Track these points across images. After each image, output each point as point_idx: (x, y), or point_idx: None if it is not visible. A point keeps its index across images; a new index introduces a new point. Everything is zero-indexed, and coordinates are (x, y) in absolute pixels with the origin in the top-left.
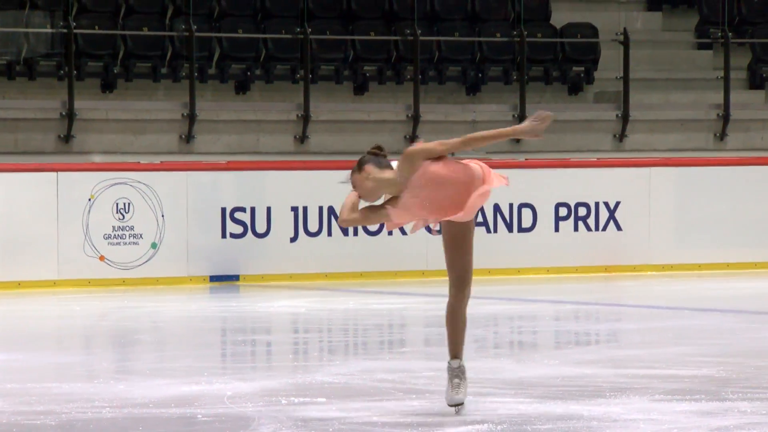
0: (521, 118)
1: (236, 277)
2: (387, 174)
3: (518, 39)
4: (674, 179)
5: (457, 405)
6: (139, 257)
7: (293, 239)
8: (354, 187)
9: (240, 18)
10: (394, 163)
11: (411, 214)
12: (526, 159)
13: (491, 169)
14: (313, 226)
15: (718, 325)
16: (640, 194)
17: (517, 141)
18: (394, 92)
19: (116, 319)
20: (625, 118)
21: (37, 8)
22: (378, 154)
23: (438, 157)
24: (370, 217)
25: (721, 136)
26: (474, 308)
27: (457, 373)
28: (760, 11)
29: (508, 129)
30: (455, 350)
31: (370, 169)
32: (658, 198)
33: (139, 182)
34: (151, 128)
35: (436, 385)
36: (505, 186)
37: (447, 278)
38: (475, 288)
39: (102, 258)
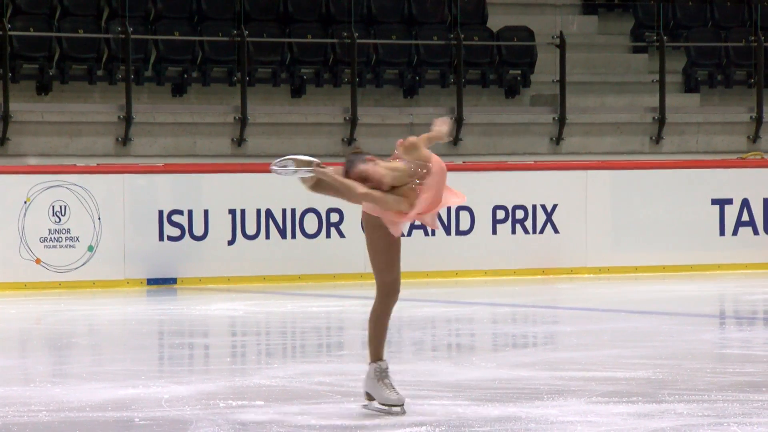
0: (459, 120)
1: (173, 280)
2: (396, 163)
3: (455, 42)
4: (610, 182)
5: (402, 404)
6: (75, 260)
7: (231, 242)
8: (366, 177)
9: (176, 20)
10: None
11: (435, 198)
12: (464, 162)
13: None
14: (250, 229)
15: (654, 327)
16: (577, 197)
17: (454, 143)
18: (331, 95)
19: (52, 323)
20: (561, 121)
21: None
22: (361, 153)
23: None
24: (388, 201)
25: (657, 139)
26: (412, 310)
27: (387, 374)
28: (694, 15)
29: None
30: (381, 352)
31: (371, 159)
32: (594, 201)
33: (76, 185)
34: (87, 131)
35: None
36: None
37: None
38: (414, 290)
39: (38, 261)
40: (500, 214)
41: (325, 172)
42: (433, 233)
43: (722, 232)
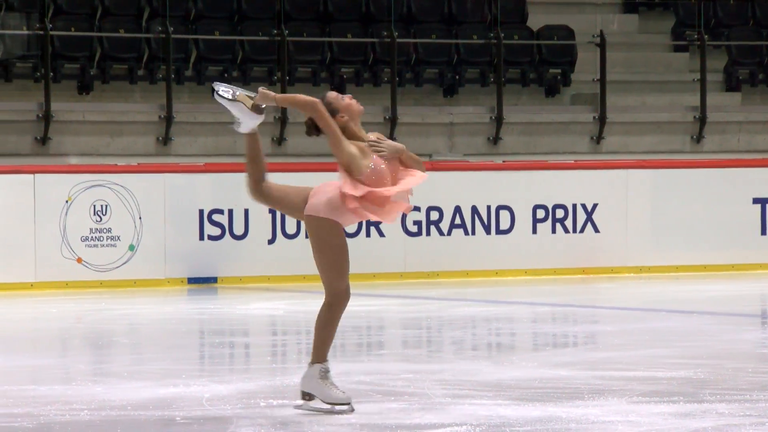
0: (498, 120)
1: (214, 279)
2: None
3: (495, 41)
4: (651, 181)
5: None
6: (116, 259)
7: (271, 241)
8: (343, 108)
9: (217, 20)
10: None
11: (383, 173)
12: (504, 161)
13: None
14: (291, 228)
15: (694, 327)
16: (617, 196)
17: (494, 143)
18: (371, 94)
19: (93, 322)
20: (601, 120)
21: (13, 10)
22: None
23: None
24: (351, 150)
25: (698, 138)
26: (451, 310)
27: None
28: (736, 14)
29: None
30: (326, 353)
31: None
32: (634, 200)
33: (117, 184)
34: (127, 130)
35: (415, 387)
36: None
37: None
38: (453, 290)
39: (79, 260)
40: (540, 214)
41: (275, 96)
42: (474, 233)
43: (763, 231)
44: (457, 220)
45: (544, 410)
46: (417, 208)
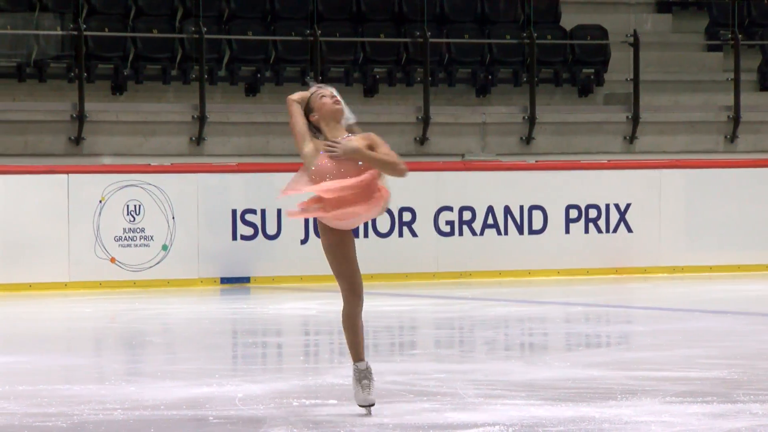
0: (531, 120)
1: (247, 279)
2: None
3: (528, 41)
4: (684, 181)
5: (370, 405)
6: (149, 259)
7: (303, 241)
8: (316, 107)
9: (250, 20)
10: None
11: (322, 173)
12: (536, 161)
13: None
14: None
15: (728, 327)
16: (650, 196)
17: (527, 143)
18: (403, 94)
19: (127, 321)
20: (635, 119)
21: (47, 10)
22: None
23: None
24: (304, 133)
25: (732, 138)
26: (484, 310)
27: (365, 375)
28: None
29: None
30: (360, 353)
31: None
32: (668, 200)
33: (150, 184)
34: (161, 130)
35: (447, 387)
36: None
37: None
38: (486, 290)
39: (113, 260)
40: (573, 214)
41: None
42: (506, 233)
43: None
44: (490, 220)
45: (576, 410)
46: (449, 208)
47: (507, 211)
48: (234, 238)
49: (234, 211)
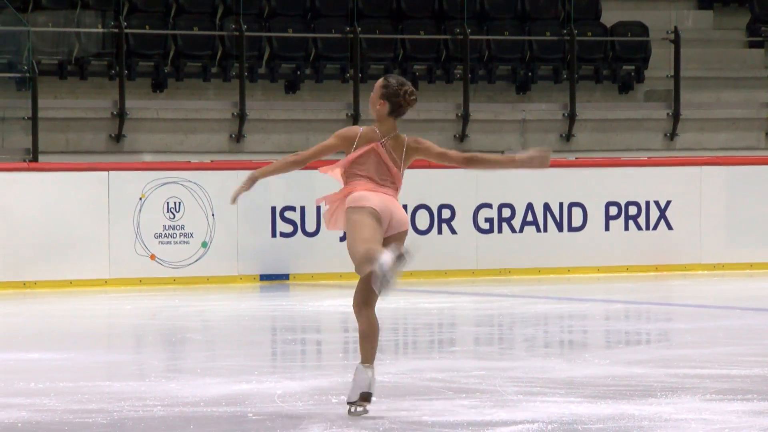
0: (571, 117)
1: (286, 276)
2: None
3: (568, 38)
4: (725, 178)
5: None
6: (189, 256)
7: (343, 238)
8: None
9: (290, 17)
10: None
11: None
12: (576, 158)
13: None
14: None
15: None
16: (691, 193)
17: (567, 140)
18: (443, 91)
19: (167, 318)
20: (675, 116)
21: (89, 8)
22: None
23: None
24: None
25: None
26: (524, 307)
27: (367, 375)
28: None
29: (507, 158)
30: (368, 357)
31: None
32: (709, 197)
33: (190, 181)
34: (201, 128)
35: (487, 384)
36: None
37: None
38: (526, 287)
39: (153, 257)
40: (613, 211)
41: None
42: (546, 230)
43: None
44: (529, 218)
45: (616, 408)
46: (488, 205)
47: (546, 208)
48: (273, 235)
49: (273, 209)
